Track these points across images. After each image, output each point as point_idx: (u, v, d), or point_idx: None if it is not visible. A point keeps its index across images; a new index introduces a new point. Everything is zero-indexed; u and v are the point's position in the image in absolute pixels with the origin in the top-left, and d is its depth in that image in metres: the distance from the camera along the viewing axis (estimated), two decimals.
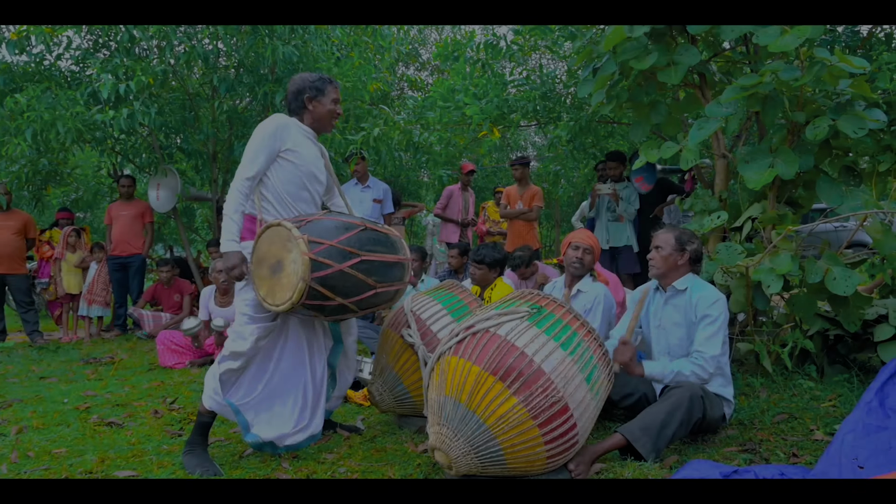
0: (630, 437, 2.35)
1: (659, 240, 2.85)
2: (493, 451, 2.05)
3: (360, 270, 2.38)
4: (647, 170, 5.46)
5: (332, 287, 2.33)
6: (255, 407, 2.49)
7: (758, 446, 2.58)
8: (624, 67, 3.60)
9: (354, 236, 2.41)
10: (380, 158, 6.31)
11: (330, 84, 2.68)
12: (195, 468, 2.38)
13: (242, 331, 2.46)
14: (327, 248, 2.32)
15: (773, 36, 2.95)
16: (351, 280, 2.36)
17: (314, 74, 2.69)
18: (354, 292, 2.39)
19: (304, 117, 2.68)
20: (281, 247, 2.35)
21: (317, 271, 2.28)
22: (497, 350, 2.09)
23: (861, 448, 1.92)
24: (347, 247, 2.36)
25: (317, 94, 2.64)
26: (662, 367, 2.59)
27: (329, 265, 2.31)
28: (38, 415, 3.35)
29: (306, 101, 2.65)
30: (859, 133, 2.90)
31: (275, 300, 2.35)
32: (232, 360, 2.44)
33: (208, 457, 2.47)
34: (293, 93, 2.66)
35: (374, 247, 2.45)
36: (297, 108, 2.67)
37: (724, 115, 3.18)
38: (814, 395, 3.14)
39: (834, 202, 3.19)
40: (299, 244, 2.26)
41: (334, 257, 2.33)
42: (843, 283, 2.95)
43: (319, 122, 2.69)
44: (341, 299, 2.37)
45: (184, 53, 5.71)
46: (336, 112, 2.71)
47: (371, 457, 2.57)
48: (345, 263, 2.34)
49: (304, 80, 2.66)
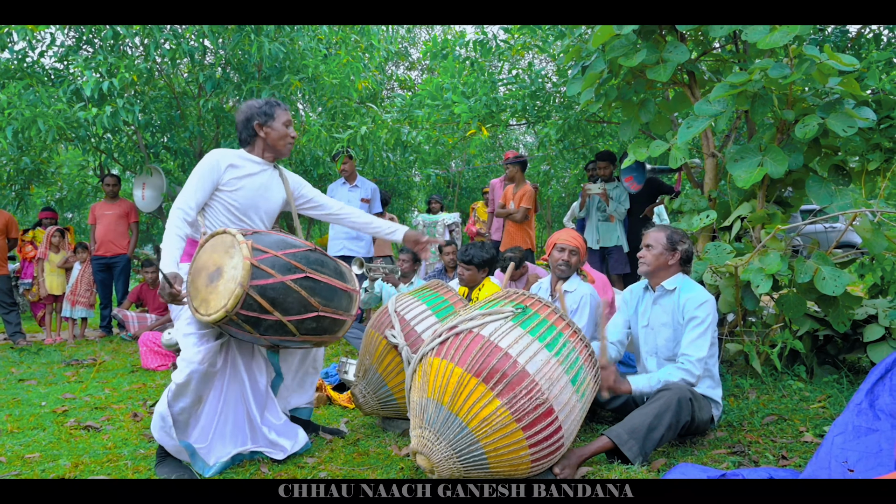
0: (617, 441, 2.31)
1: (650, 238, 2.81)
2: (476, 454, 1.99)
3: (304, 287, 2.22)
4: (637, 169, 5.44)
5: (271, 299, 2.15)
6: (210, 444, 2.38)
7: (747, 448, 2.54)
8: (613, 65, 3.56)
9: (301, 253, 2.29)
10: (367, 157, 6.25)
11: (278, 107, 2.59)
12: (170, 475, 2.30)
13: (190, 355, 2.28)
14: (271, 258, 2.20)
15: (762, 33, 2.93)
16: (293, 295, 2.20)
17: (261, 101, 2.60)
18: (295, 310, 2.21)
19: (255, 146, 2.60)
20: (223, 253, 2.23)
21: (257, 279, 2.14)
22: (480, 351, 2.03)
23: (851, 450, 1.89)
24: (293, 260, 2.23)
25: (267, 120, 2.56)
26: (648, 380, 2.54)
27: (271, 274, 2.17)
28: (13, 418, 3.27)
29: (256, 129, 2.57)
30: (849, 132, 2.87)
31: (208, 309, 2.17)
32: (185, 398, 2.29)
33: (180, 462, 2.38)
34: (242, 122, 2.58)
35: (321, 268, 2.32)
36: (248, 138, 2.60)
37: (713, 114, 3.14)
38: (803, 397, 3.11)
39: (823, 201, 3.15)
40: (242, 249, 2.15)
41: (278, 268, 2.19)
42: (833, 283, 2.92)
43: (274, 147, 2.61)
44: (280, 314, 2.17)
45: (169, 51, 5.63)
46: (290, 135, 2.62)
47: (353, 460, 2.51)
48: (288, 276, 2.20)
49: (252, 108, 2.57)
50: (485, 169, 11.48)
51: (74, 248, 6.58)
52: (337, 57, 6.22)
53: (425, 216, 7.99)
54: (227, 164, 2.50)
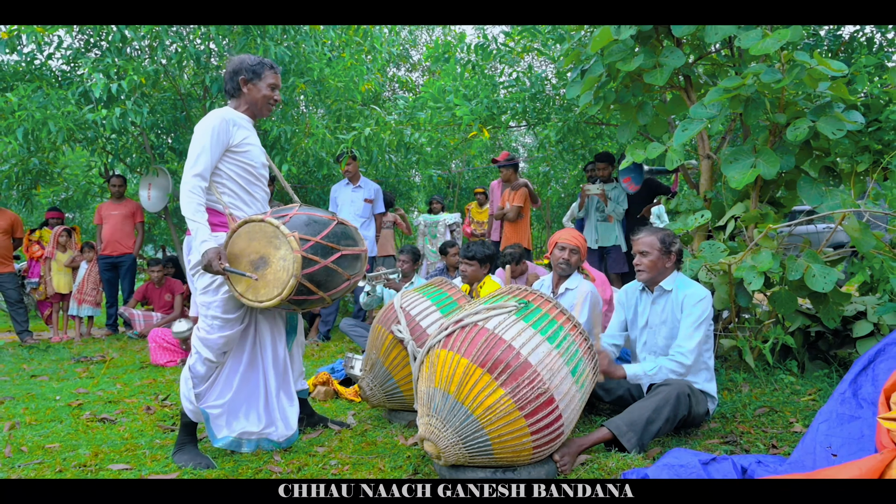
0: (616, 432, 2.41)
1: (643, 244, 2.84)
2: (481, 441, 2.10)
3: (339, 265, 2.46)
4: (635, 170, 5.55)
5: (317, 282, 2.41)
6: (226, 412, 2.51)
7: (738, 438, 2.65)
8: (611, 69, 3.68)
9: (332, 231, 2.48)
10: (371, 159, 6.36)
11: (270, 69, 2.58)
12: (188, 463, 2.41)
13: (213, 338, 2.43)
14: (313, 245, 2.39)
15: (755, 39, 3.04)
16: (333, 274, 2.46)
17: (255, 57, 2.57)
18: (334, 285, 2.49)
19: (239, 101, 2.60)
20: (266, 243, 2.37)
21: (305, 268, 2.34)
22: (485, 343, 2.14)
23: (835, 436, 1.99)
24: (329, 242, 2.44)
25: (252, 77, 2.55)
26: (642, 367, 2.66)
27: (316, 261, 2.38)
28: (30, 411, 3.37)
29: (241, 83, 2.55)
30: (838, 134, 2.98)
31: (257, 296, 2.35)
32: (203, 368, 2.46)
33: (199, 451, 2.49)
34: (229, 73, 2.57)
35: (346, 241, 2.54)
36: (233, 90, 2.58)
37: (708, 117, 3.26)
38: (794, 390, 3.22)
39: (814, 202, 3.27)
40: (290, 242, 2.31)
41: (319, 253, 2.40)
42: (823, 280, 3.03)
43: (254, 106, 2.60)
44: (322, 293, 2.44)
45: (175, 53, 5.73)
46: (273, 98, 2.60)
47: (362, 450, 2.61)
48: (329, 259, 2.42)
49: (242, 62, 2.55)
50: (484, 170, 11.59)
51: (81, 247, 6.68)
52: (341, 60, 6.32)
53: (426, 216, 8.10)
54: (233, 123, 2.49)
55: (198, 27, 6.02)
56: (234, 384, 2.53)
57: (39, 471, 2.42)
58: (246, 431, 2.53)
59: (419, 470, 2.37)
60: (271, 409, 2.61)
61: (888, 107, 3.24)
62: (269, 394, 2.62)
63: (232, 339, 2.48)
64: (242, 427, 2.52)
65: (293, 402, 2.69)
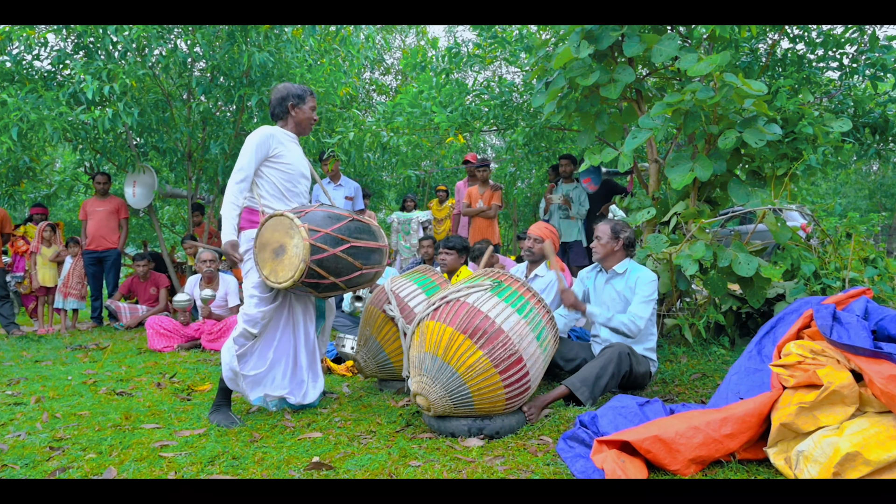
0: (572, 388, 2.92)
1: (599, 231, 3.44)
2: (464, 394, 2.57)
3: (350, 254, 2.86)
4: (594, 171, 6.10)
5: (326, 268, 2.81)
6: (259, 378, 2.96)
7: (675, 398, 3.18)
8: (572, 83, 4.18)
9: (344, 226, 2.89)
10: (349, 159, 6.76)
11: (311, 95, 3.13)
12: (221, 421, 2.84)
13: (252, 312, 2.91)
14: (323, 236, 2.80)
15: (692, 62, 3.57)
16: (342, 262, 2.85)
17: (296, 85, 3.12)
18: (344, 273, 2.88)
19: (287, 122, 3.12)
20: (284, 234, 2.81)
21: (315, 254, 2.76)
22: (467, 314, 2.61)
23: (743, 385, 2.52)
24: (340, 234, 2.85)
25: (298, 102, 3.09)
26: (602, 310, 3.20)
27: (325, 249, 2.79)
28: (48, 388, 3.68)
29: (290, 108, 3.09)
30: (759, 143, 3.55)
31: (277, 278, 2.81)
32: (244, 339, 2.92)
33: (231, 412, 2.93)
34: (278, 99, 3.09)
35: (360, 234, 2.94)
36: (281, 114, 3.11)
37: (653, 127, 3.79)
38: (724, 360, 3.79)
39: (742, 200, 3.83)
40: (301, 231, 2.73)
41: (329, 243, 2.81)
42: (746, 266, 3.60)
43: (300, 126, 3.14)
44: (333, 278, 2.85)
45: (163, 57, 6.02)
46: (313, 119, 3.15)
47: (360, 410, 3.06)
48: (338, 248, 2.82)
49: (288, 89, 3.09)
50: (453, 170, 12.08)
51: (66, 242, 6.89)
52: (321, 66, 6.71)
53: (399, 214, 8.55)
54: (273, 139, 3.00)
55: (184, 32, 6.33)
56: (267, 357, 2.98)
57: (80, 431, 2.78)
58: (271, 395, 2.99)
59: (411, 423, 2.82)
60: (298, 380, 3.06)
61: (801, 121, 3.82)
62: (298, 366, 3.07)
63: (268, 314, 2.92)
64: (270, 390, 2.98)
65: (317, 379, 3.13)
